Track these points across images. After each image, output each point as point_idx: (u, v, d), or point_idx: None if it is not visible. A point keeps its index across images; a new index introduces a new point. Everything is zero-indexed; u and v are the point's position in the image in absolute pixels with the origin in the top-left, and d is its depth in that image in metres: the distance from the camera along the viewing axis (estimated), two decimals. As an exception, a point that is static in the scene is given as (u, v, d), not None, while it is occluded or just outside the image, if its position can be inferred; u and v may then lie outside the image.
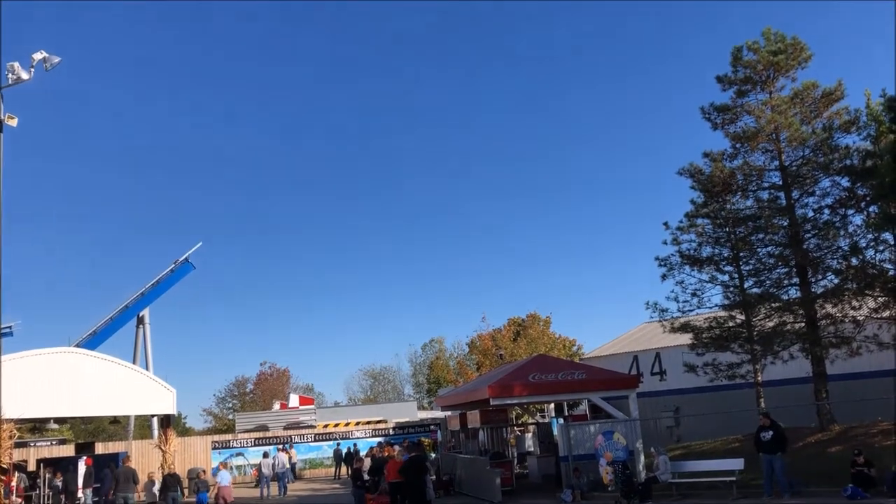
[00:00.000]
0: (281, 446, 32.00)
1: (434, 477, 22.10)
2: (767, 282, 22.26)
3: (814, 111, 21.89)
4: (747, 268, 22.70)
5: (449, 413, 31.13)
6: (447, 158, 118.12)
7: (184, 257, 48.18)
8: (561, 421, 24.18)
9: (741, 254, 22.52)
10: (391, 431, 37.09)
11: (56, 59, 19.51)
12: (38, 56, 19.40)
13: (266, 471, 27.87)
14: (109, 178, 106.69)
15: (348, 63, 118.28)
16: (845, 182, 21.03)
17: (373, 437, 35.85)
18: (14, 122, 19.33)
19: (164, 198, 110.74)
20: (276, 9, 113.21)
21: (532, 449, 28.95)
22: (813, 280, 21.51)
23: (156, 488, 21.44)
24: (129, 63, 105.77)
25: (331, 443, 36.63)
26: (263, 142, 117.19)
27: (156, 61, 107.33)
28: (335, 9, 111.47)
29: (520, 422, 34.27)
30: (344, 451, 34.25)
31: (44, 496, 24.52)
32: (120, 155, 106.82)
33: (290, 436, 36.80)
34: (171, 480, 21.61)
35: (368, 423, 39.05)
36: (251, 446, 35.90)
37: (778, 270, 22.19)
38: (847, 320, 20.81)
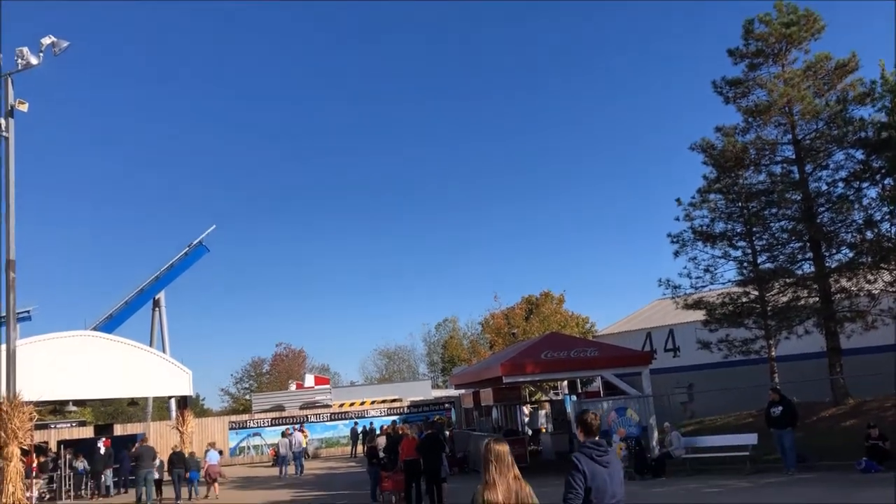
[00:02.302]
0: (297, 426, 32.36)
1: (449, 453, 22.27)
2: (781, 257, 22.12)
3: (827, 83, 21.59)
4: (760, 243, 22.57)
5: (463, 391, 31.33)
6: (460, 138, 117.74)
7: (198, 240, 48.53)
8: (574, 398, 24.30)
9: (754, 229, 22.37)
10: (406, 410, 37.41)
11: (65, 44, 19.52)
12: (46, 41, 19.43)
13: (283, 450, 28.23)
14: (123, 163, 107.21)
15: (365, 27, 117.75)
16: (860, 155, 20.77)
17: (388, 415, 36.17)
18: (25, 108, 19.44)
19: (178, 178, 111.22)
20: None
21: (546, 426, 29.12)
22: (827, 254, 21.34)
23: (156, 464, 22.23)
24: (142, 48, 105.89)
25: (346, 422, 37.02)
26: (276, 115, 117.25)
27: (169, 43, 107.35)
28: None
29: (533, 399, 34.43)
30: (360, 429, 34.61)
31: (64, 477, 24.97)
32: (133, 138, 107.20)
33: (307, 415, 37.20)
34: (176, 458, 22.44)
35: (383, 401, 39.40)
36: (268, 426, 36.34)
37: (791, 245, 22.04)
38: (862, 294, 20.67)
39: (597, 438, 5.37)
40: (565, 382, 31.78)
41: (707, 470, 17.78)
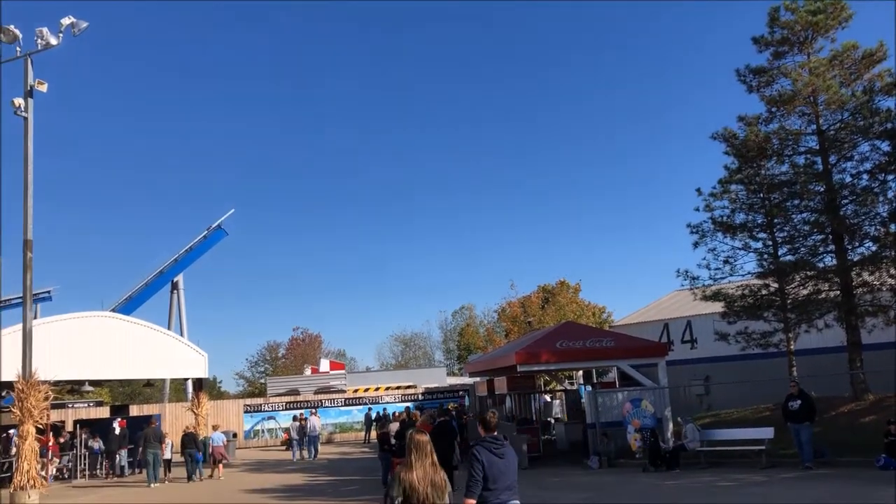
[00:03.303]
0: (312, 410, 32.50)
1: (461, 441, 22.22)
2: (802, 249, 21.72)
3: (853, 73, 21.11)
4: (781, 235, 22.18)
5: (477, 379, 31.28)
6: (478, 122, 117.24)
7: (216, 224, 48.73)
8: (589, 388, 24.15)
9: (775, 220, 22.00)
10: (420, 397, 37.44)
11: (84, 24, 19.57)
12: (66, 21, 19.47)
13: (295, 434, 28.39)
14: (144, 147, 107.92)
15: (383, 14, 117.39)
16: (885, 146, 20.31)
17: (402, 401, 36.23)
18: (44, 88, 19.52)
19: (197, 162, 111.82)
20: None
21: (560, 416, 29.01)
22: (849, 247, 20.94)
23: (164, 445, 22.88)
24: (164, 27, 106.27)
25: (360, 407, 37.14)
26: (293, 99, 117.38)
27: (190, 23, 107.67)
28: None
29: (547, 389, 34.32)
30: (374, 415, 34.72)
31: (80, 456, 25.25)
32: (152, 122, 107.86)
33: (321, 400, 37.35)
34: (188, 439, 23.06)
35: (398, 388, 39.48)
36: (282, 410, 36.54)
37: (813, 237, 21.63)
38: (884, 288, 20.29)
39: (494, 434, 6.19)
40: (580, 372, 31.66)
41: (722, 463, 17.59)
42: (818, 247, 21.60)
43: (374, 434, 33.13)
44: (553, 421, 28.36)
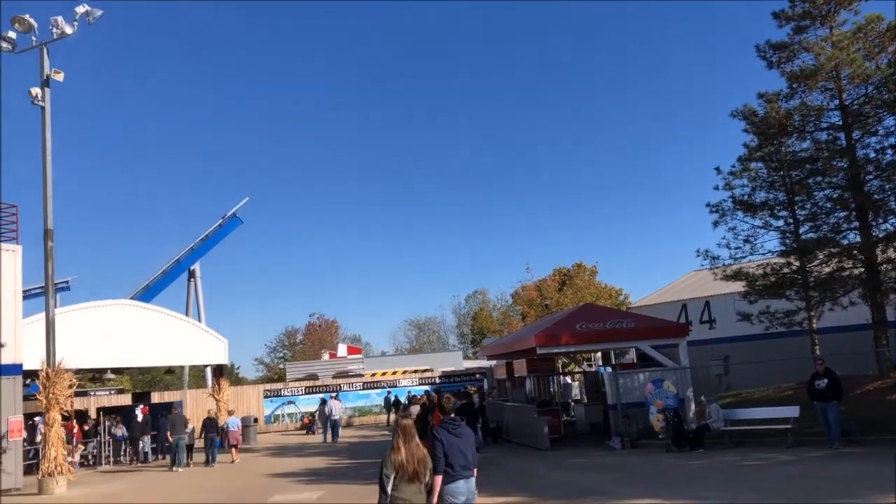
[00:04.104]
0: (332, 395, 32.63)
1: (481, 424, 22.26)
2: (825, 227, 21.46)
3: (878, 46, 20.68)
4: (803, 212, 21.90)
5: (494, 362, 31.27)
6: (492, 107, 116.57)
7: (231, 212, 48.96)
8: (608, 370, 24.06)
9: (797, 198, 21.73)
10: (437, 380, 37.52)
11: (98, 13, 19.48)
12: (80, 10, 19.40)
13: (319, 418, 28.66)
14: (159, 136, 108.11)
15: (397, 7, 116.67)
16: (911, 120, 20.00)
17: (419, 385, 36.34)
18: (60, 77, 19.49)
19: (212, 151, 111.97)
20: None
21: (579, 397, 28.96)
22: (873, 224, 20.66)
23: (187, 430, 23.15)
24: (176, 18, 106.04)
25: (378, 391, 37.29)
26: (309, 93, 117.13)
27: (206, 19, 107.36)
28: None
29: (566, 371, 34.27)
30: (393, 398, 34.90)
31: (103, 443, 25.49)
32: (166, 111, 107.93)
33: (339, 384, 37.51)
34: (209, 424, 23.55)
35: (415, 371, 39.56)
36: (302, 394, 36.73)
37: (836, 214, 21.34)
38: (910, 265, 20.04)
39: (452, 416, 7.17)
40: (599, 354, 31.56)
41: (746, 443, 17.47)
42: (841, 224, 21.33)
43: (394, 417, 33.29)
44: (572, 403, 28.34)
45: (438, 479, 6.61)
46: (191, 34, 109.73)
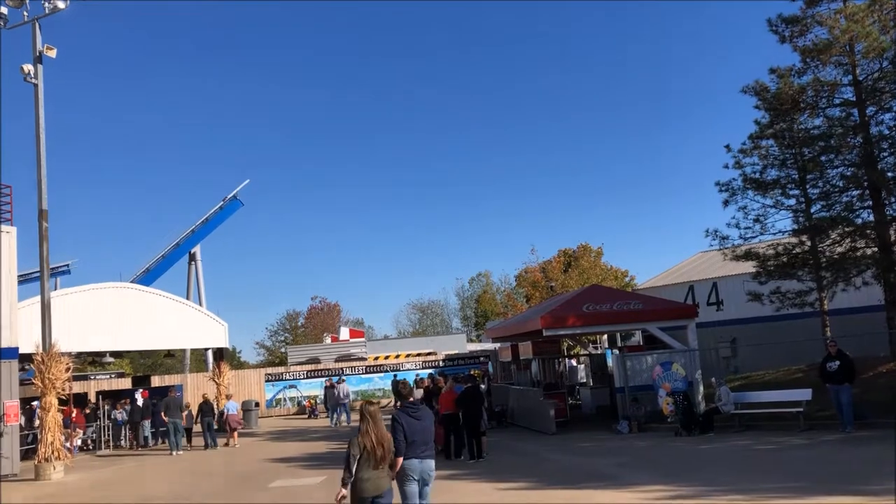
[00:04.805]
0: (339, 378, 32.31)
1: (487, 406, 21.93)
2: (837, 205, 20.96)
3: (893, 19, 20.07)
4: (815, 191, 21.38)
5: (499, 345, 30.90)
6: (495, 84, 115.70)
7: (232, 194, 48.53)
8: (615, 352, 23.68)
9: (809, 176, 21.21)
10: (441, 363, 37.18)
11: (91, -13, 18.91)
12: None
13: (330, 401, 28.53)
14: (159, 118, 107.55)
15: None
16: (927, 96, 19.44)
17: (423, 368, 35.99)
18: (53, 54, 19.01)
19: (213, 133, 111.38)
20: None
21: (584, 380, 28.62)
22: (887, 202, 20.15)
23: (184, 413, 23.07)
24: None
25: (381, 375, 36.99)
26: (311, 73, 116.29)
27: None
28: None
29: (571, 353, 33.93)
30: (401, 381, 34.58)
31: (103, 427, 25.24)
32: (166, 93, 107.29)
33: (342, 368, 37.20)
34: (206, 407, 23.39)
35: (419, 355, 39.26)
36: (303, 378, 36.45)
37: (849, 193, 20.83)
38: (924, 244, 19.56)
39: (410, 400, 7.76)
40: (604, 336, 31.19)
41: (757, 426, 17.09)
42: (854, 202, 20.82)
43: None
44: (578, 386, 28.00)
45: (399, 460, 7.19)
46: (193, 31, 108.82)
